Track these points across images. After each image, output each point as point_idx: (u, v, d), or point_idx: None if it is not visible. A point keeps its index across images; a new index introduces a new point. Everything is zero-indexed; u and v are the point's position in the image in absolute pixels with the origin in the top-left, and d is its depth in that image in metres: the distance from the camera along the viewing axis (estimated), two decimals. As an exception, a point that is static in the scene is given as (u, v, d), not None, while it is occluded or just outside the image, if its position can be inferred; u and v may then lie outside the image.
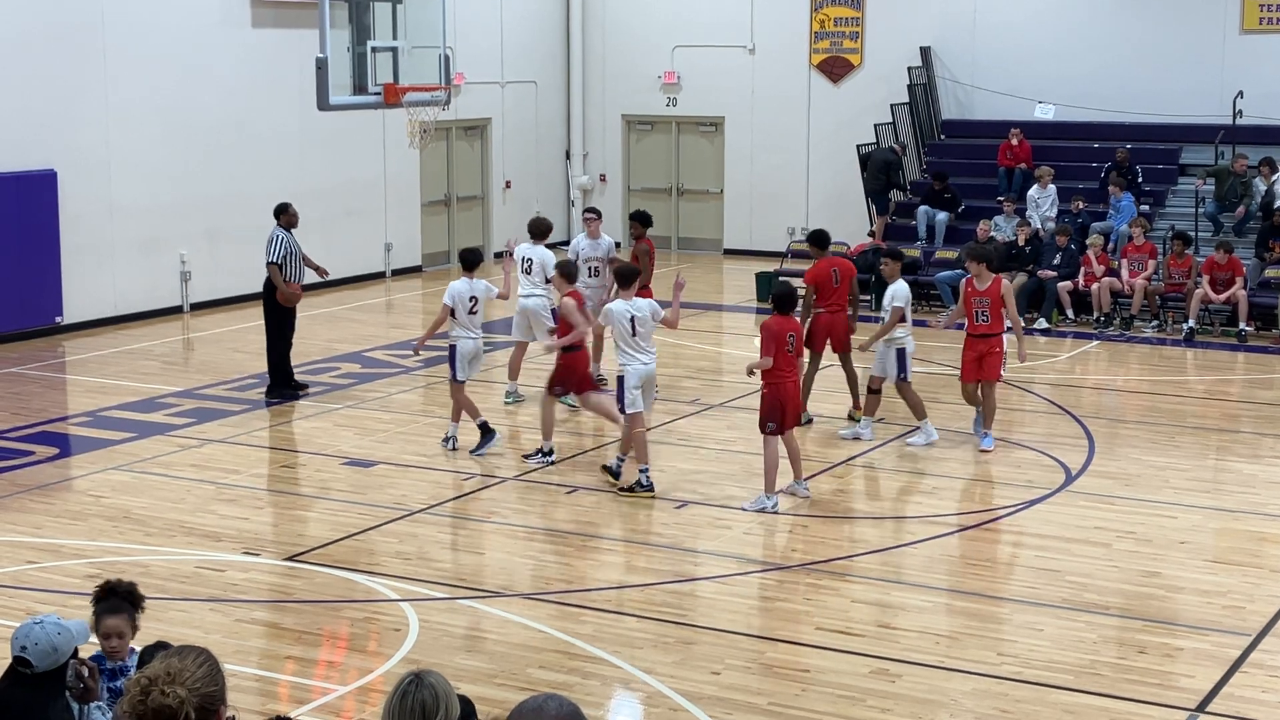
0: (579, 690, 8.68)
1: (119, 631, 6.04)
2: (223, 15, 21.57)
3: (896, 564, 11.25)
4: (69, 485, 13.21)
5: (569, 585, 10.69)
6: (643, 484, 12.74)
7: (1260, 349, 19.35)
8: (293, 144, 22.55)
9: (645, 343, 12.86)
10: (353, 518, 12.30)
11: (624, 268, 13.33)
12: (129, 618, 6.10)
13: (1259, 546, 11.63)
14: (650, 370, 12.94)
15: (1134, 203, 22.03)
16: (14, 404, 15.93)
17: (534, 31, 27.46)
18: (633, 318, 12.76)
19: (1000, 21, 25.02)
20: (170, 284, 21.13)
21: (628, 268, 13.30)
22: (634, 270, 13.28)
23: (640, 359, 12.78)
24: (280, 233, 15.89)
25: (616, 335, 12.91)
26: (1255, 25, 23.45)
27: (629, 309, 12.81)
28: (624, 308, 12.83)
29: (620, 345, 12.89)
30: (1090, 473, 13.56)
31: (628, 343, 12.78)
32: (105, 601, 6.11)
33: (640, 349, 12.79)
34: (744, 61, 26.96)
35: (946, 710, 8.60)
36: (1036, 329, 20.41)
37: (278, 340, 16.09)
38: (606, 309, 13.13)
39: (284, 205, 16.19)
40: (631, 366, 12.74)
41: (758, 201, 27.20)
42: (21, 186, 19.00)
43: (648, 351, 12.88)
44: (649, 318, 12.86)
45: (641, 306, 12.90)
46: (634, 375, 12.74)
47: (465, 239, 26.59)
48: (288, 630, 9.82)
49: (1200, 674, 9.12)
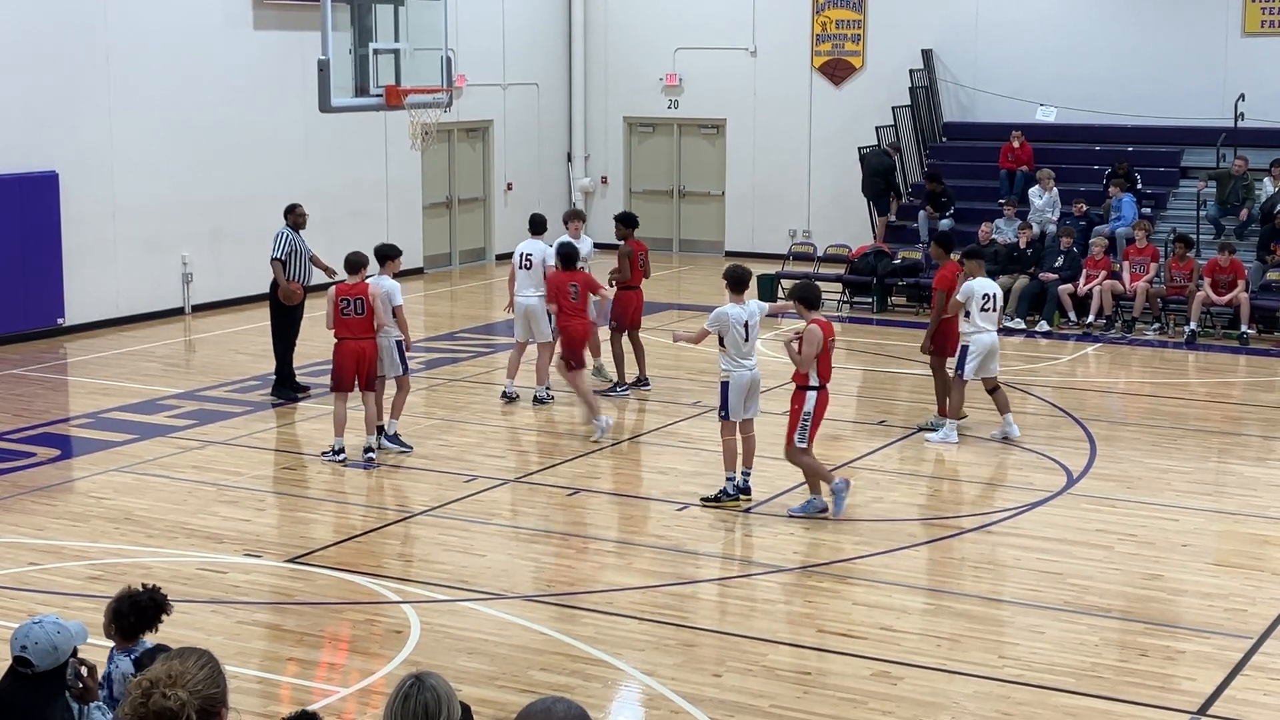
0: (580, 692, 8.67)
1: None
2: (225, 17, 21.59)
3: (898, 566, 11.24)
4: (70, 487, 13.21)
5: (570, 587, 10.69)
6: (728, 493, 12.55)
7: (1262, 352, 19.34)
8: (295, 146, 22.56)
9: (753, 350, 12.49)
10: (354, 519, 12.30)
11: (737, 271, 12.63)
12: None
13: (1261, 549, 11.62)
14: (756, 377, 12.54)
15: (1134, 204, 22.01)
16: (16, 405, 15.93)
17: (536, 33, 27.47)
18: (746, 323, 12.32)
19: (1002, 24, 25.02)
20: (172, 285, 21.13)
21: (740, 271, 12.65)
22: (746, 274, 12.70)
23: (746, 364, 12.38)
24: (287, 231, 15.94)
25: (726, 342, 12.34)
26: (1257, 28, 23.45)
27: (743, 313, 12.33)
28: (739, 312, 12.32)
29: (729, 353, 12.35)
30: (1092, 475, 13.55)
31: (739, 350, 12.31)
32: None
33: (749, 355, 12.40)
34: (746, 64, 26.97)
35: (948, 713, 8.60)
36: (1038, 331, 20.41)
37: (279, 340, 16.11)
38: (719, 312, 12.38)
39: (292, 205, 16.32)
40: (736, 374, 12.38)
41: (759, 204, 27.21)
42: (24, 188, 19.01)
43: (752, 357, 12.46)
44: (758, 322, 12.50)
45: (754, 310, 12.47)
46: (738, 383, 12.39)
47: (467, 241, 26.66)
48: (289, 632, 9.82)
49: (1202, 677, 9.11)
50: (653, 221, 28.19)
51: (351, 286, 13.71)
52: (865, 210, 24.72)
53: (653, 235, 27.48)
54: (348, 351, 13.77)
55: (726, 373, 12.41)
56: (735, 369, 12.38)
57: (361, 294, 13.65)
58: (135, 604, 6.42)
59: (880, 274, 22.14)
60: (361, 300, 13.65)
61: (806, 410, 12.01)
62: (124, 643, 6.45)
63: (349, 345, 13.76)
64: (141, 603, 6.41)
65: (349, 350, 13.76)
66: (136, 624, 6.41)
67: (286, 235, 15.91)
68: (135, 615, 6.41)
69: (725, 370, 12.43)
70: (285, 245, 15.87)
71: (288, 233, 15.93)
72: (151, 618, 6.43)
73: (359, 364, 13.77)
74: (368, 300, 13.63)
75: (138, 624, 6.41)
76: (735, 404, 12.42)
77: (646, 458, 14.14)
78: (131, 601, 6.42)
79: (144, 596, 6.43)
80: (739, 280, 12.51)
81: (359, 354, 13.73)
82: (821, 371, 12.02)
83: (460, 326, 20.58)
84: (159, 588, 6.51)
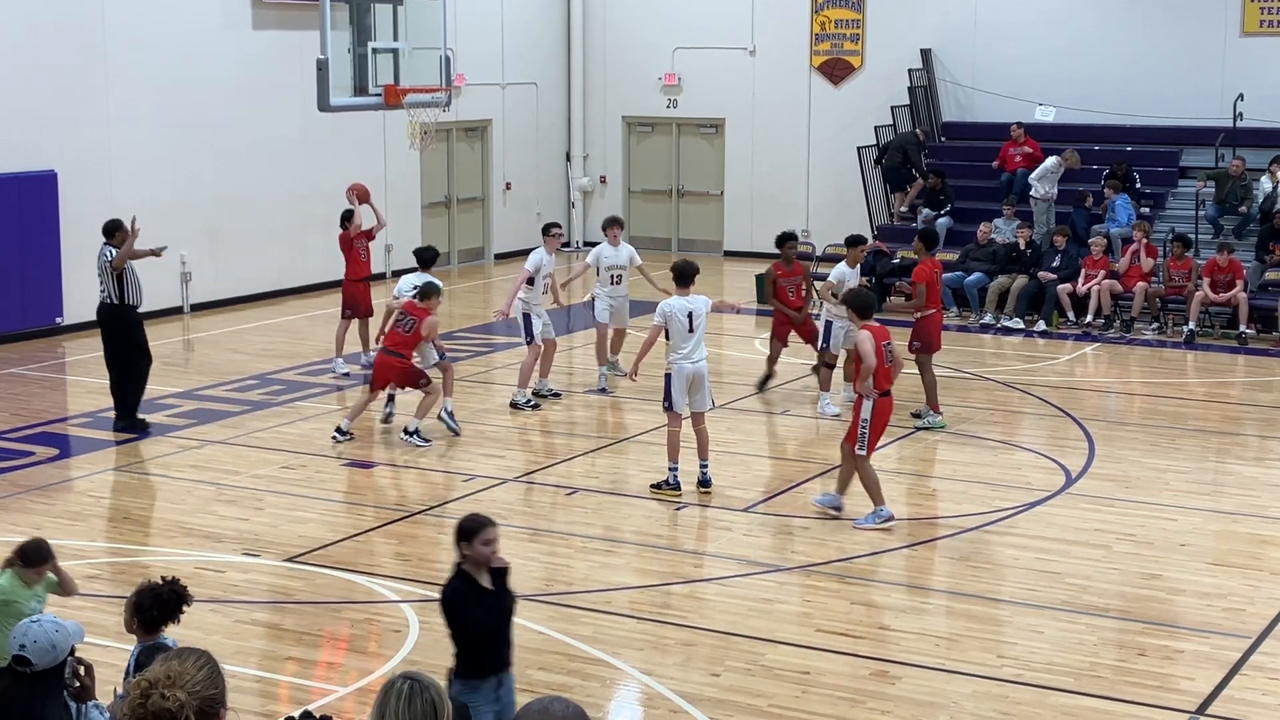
0: (579, 692, 8.67)
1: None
2: (224, 17, 21.58)
3: (897, 566, 11.24)
4: (69, 486, 13.21)
5: (569, 587, 10.69)
6: (669, 483, 12.75)
7: (1260, 351, 19.35)
8: (294, 145, 22.55)
9: (699, 343, 12.67)
10: (353, 519, 12.30)
11: (682, 266, 13.04)
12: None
13: (1259, 549, 11.62)
14: (700, 370, 12.71)
15: (1129, 204, 21.95)
16: (14, 404, 15.94)
17: (535, 33, 27.46)
18: (690, 313, 12.63)
19: (1001, 24, 25.02)
20: (170, 285, 21.12)
21: (687, 265, 13.05)
22: (693, 268, 13.06)
23: (690, 356, 12.57)
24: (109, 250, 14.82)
25: (671, 332, 12.68)
26: (1256, 28, 23.45)
27: (687, 305, 12.67)
28: (682, 304, 12.67)
29: (673, 344, 12.66)
30: (1090, 475, 13.55)
31: (682, 341, 12.57)
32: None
33: (694, 347, 12.59)
34: (745, 63, 26.96)
35: (947, 712, 8.60)
36: (1036, 331, 20.41)
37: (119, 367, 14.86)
38: (663, 304, 12.77)
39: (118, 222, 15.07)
40: (678, 365, 12.59)
41: (758, 203, 27.20)
42: (22, 188, 19.01)
43: (698, 350, 12.67)
44: (705, 314, 12.73)
45: (699, 302, 12.76)
46: (680, 374, 12.59)
47: (465, 240, 26.65)
48: (288, 631, 9.82)
49: (1200, 676, 9.12)
50: (651, 221, 28.23)
51: (415, 308, 14.34)
52: (864, 209, 24.71)
53: (651, 235, 27.55)
54: (381, 364, 14.45)
55: (670, 364, 12.66)
56: (678, 360, 12.56)
57: (418, 316, 14.25)
58: (157, 596, 6.47)
59: (879, 273, 22.13)
60: (414, 321, 14.23)
61: (864, 418, 11.82)
62: (146, 636, 6.48)
63: (382, 357, 14.47)
64: (163, 595, 6.48)
65: (381, 362, 14.45)
66: (160, 616, 6.48)
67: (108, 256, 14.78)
68: (158, 608, 6.47)
69: (669, 361, 12.67)
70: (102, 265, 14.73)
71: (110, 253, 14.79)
72: (174, 609, 6.50)
73: (387, 376, 14.42)
74: (419, 324, 14.21)
75: (161, 616, 6.49)
76: (678, 396, 12.61)
77: (646, 457, 14.13)
78: (154, 595, 6.48)
79: (164, 589, 6.50)
80: (684, 274, 12.85)
81: (387, 368, 14.31)
82: (878, 379, 11.82)
83: (459, 326, 20.57)
84: (178, 579, 6.57)
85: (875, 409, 11.84)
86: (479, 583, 6.99)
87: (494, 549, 7.02)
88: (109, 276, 14.81)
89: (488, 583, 7.01)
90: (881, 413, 11.90)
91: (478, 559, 7.00)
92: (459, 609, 6.92)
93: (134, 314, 15.02)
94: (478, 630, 6.94)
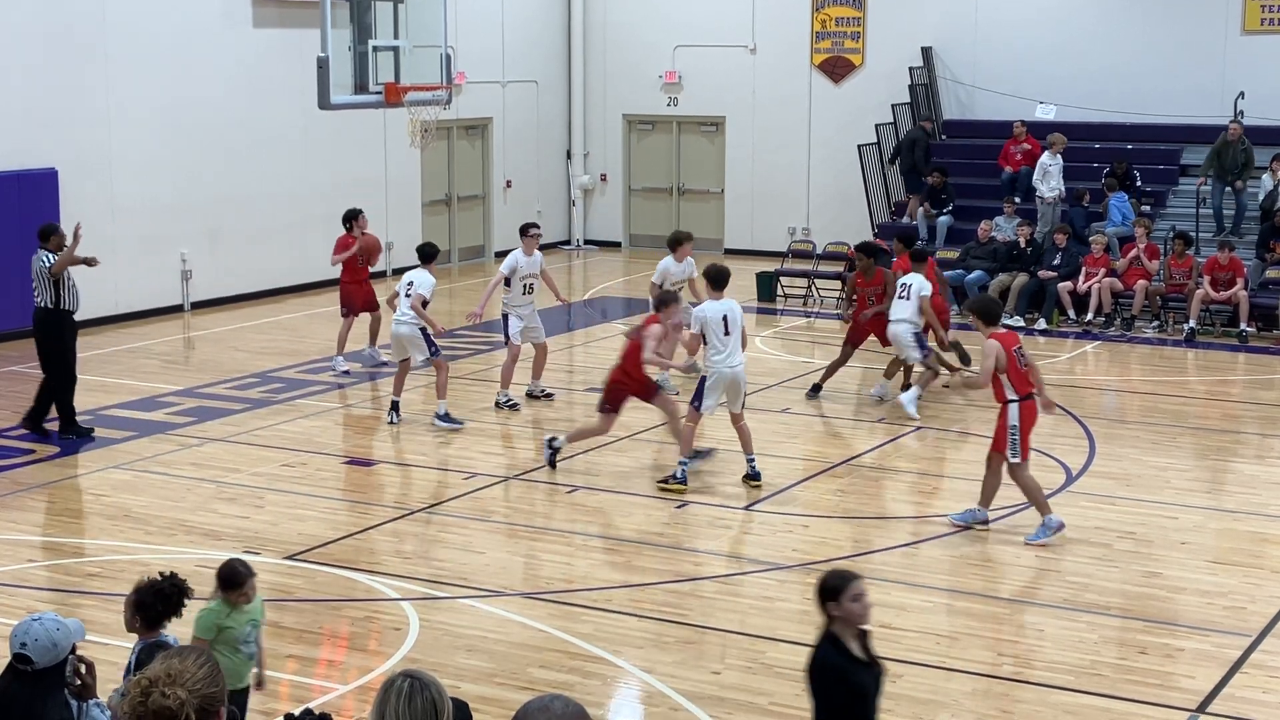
0: (579, 689, 8.67)
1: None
2: (224, 14, 21.57)
3: (897, 564, 11.24)
4: (70, 484, 13.21)
5: (569, 584, 10.69)
6: (676, 477, 12.84)
7: (1261, 349, 19.34)
8: (294, 143, 22.55)
9: (736, 346, 12.72)
10: (353, 516, 12.30)
11: (716, 270, 13.06)
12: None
13: (1260, 547, 11.62)
14: (738, 375, 12.77)
15: (1125, 202, 21.88)
16: (15, 403, 15.93)
17: (535, 31, 27.45)
18: (725, 317, 12.66)
19: (1001, 21, 25.01)
20: (171, 283, 21.13)
21: (720, 270, 13.08)
22: (726, 272, 13.12)
23: (728, 361, 12.62)
24: (47, 256, 14.52)
25: (707, 337, 12.72)
26: (1257, 26, 23.44)
27: (722, 309, 12.72)
28: (717, 308, 12.73)
29: (711, 347, 12.70)
30: (1091, 473, 13.55)
31: (721, 343, 12.62)
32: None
33: (732, 352, 12.64)
34: (745, 61, 26.95)
35: (947, 710, 8.60)
36: (1036, 329, 20.40)
37: (57, 374, 14.59)
38: (697, 311, 12.83)
39: (54, 226, 14.87)
40: (716, 370, 12.64)
41: (759, 201, 27.20)
42: (23, 185, 19.00)
43: (736, 355, 12.72)
44: (740, 319, 12.79)
45: (733, 306, 12.83)
46: (717, 380, 12.66)
47: (466, 239, 26.65)
48: (288, 629, 9.81)
49: (1201, 674, 9.12)
50: (652, 219, 28.22)
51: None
52: (864, 208, 24.72)
53: (652, 233, 27.53)
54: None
55: (707, 368, 12.76)
56: (716, 365, 12.63)
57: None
58: (159, 591, 6.47)
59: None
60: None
61: (1011, 424, 11.51)
62: (148, 633, 6.48)
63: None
64: (165, 589, 6.47)
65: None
66: (163, 611, 6.48)
67: (47, 261, 14.52)
68: (161, 603, 6.46)
69: (707, 365, 12.78)
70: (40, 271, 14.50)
71: (48, 257, 14.52)
72: (176, 603, 6.50)
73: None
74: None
75: (164, 611, 6.48)
76: (710, 400, 12.75)
77: (645, 455, 14.13)
78: (154, 590, 6.47)
79: (165, 583, 6.50)
80: (718, 278, 12.93)
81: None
82: (1017, 384, 11.48)
83: (459, 324, 20.56)
84: (175, 573, 6.56)
85: (1021, 413, 11.50)
86: (849, 649, 6.20)
87: (865, 605, 6.22)
88: (45, 282, 14.50)
89: (858, 650, 6.24)
90: (1028, 416, 11.57)
91: (849, 618, 6.21)
92: (834, 679, 6.17)
93: (70, 320, 14.70)
94: (857, 702, 6.21)
